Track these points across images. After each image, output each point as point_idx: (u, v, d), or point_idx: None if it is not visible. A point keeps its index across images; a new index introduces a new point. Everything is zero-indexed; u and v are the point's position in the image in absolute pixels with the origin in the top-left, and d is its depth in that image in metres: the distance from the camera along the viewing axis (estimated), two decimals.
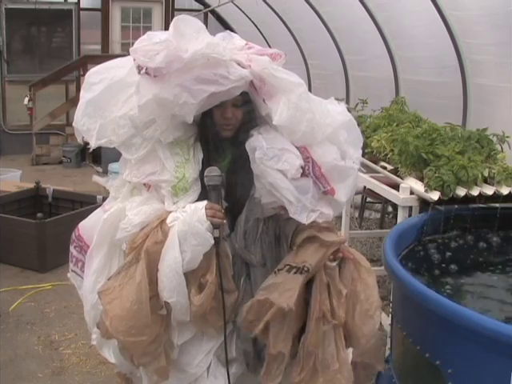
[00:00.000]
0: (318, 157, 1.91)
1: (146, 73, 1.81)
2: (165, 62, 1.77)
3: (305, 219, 1.87)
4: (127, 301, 1.86)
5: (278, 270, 1.90)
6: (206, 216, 1.83)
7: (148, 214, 1.94)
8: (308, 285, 1.92)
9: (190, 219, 1.85)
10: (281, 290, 1.85)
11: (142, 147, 1.95)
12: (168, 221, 1.90)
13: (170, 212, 1.92)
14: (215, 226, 1.84)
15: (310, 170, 1.90)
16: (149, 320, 1.87)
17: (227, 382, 1.96)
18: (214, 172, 1.86)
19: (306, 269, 1.87)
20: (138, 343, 1.88)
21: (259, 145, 1.89)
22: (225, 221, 1.87)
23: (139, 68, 1.82)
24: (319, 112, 1.93)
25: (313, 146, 1.93)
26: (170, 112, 1.87)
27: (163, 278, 1.87)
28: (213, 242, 1.85)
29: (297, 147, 1.92)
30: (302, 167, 1.89)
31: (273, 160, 1.86)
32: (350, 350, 2.03)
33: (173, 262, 1.85)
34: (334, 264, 1.92)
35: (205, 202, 1.87)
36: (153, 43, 1.82)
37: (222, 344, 1.95)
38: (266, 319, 1.86)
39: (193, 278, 1.89)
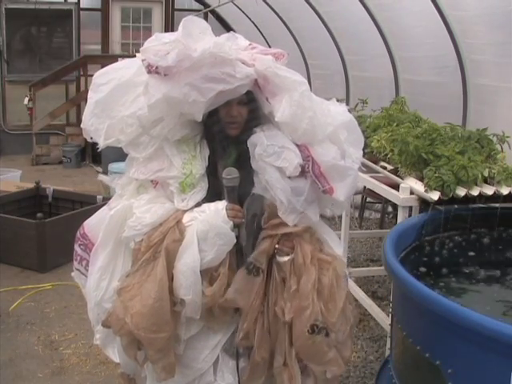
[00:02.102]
0: (318, 156, 1.94)
1: (156, 72, 1.84)
2: (176, 60, 1.80)
3: (291, 221, 1.92)
4: (149, 298, 1.89)
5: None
6: (228, 216, 1.89)
7: (160, 214, 1.97)
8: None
9: (214, 220, 1.89)
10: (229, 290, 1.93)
11: (149, 145, 1.99)
12: (184, 220, 1.94)
13: (185, 212, 1.96)
14: (235, 226, 1.91)
15: (310, 168, 1.93)
16: (169, 316, 1.91)
17: (236, 375, 2.00)
18: (233, 174, 1.91)
19: (252, 266, 1.93)
20: (158, 339, 1.91)
21: (260, 141, 1.93)
22: (243, 220, 1.93)
23: (149, 67, 1.85)
24: (320, 111, 1.97)
25: (313, 144, 1.96)
26: (179, 110, 1.90)
27: (180, 275, 1.90)
28: (236, 240, 1.91)
29: (298, 146, 1.95)
30: (301, 166, 1.91)
31: (272, 157, 1.90)
32: None
33: (191, 260, 1.89)
34: (286, 259, 1.94)
35: (224, 203, 1.92)
36: (162, 43, 1.86)
37: (230, 338, 2.00)
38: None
39: (204, 273, 1.93)
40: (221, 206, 1.92)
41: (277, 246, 1.94)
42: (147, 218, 1.96)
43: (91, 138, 2.08)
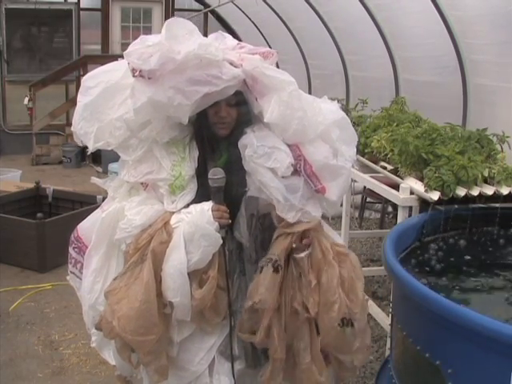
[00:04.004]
0: (309, 155, 1.94)
1: (140, 75, 1.82)
2: (159, 63, 1.79)
3: (291, 218, 1.91)
4: (135, 300, 1.88)
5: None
6: (214, 217, 1.87)
7: (149, 216, 1.96)
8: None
9: (199, 221, 1.88)
10: (259, 290, 1.89)
11: (138, 148, 1.99)
12: (172, 222, 1.93)
13: (173, 213, 1.95)
14: (222, 227, 1.89)
15: (302, 168, 1.93)
16: (156, 319, 1.90)
17: (232, 378, 1.98)
18: (218, 174, 1.89)
19: (268, 259, 1.91)
20: (146, 342, 1.90)
21: (250, 142, 1.92)
22: (230, 221, 1.91)
23: (134, 71, 1.84)
24: (311, 110, 1.96)
25: (305, 144, 1.95)
26: (165, 114, 1.89)
27: (167, 278, 1.89)
28: (221, 242, 1.89)
29: (289, 145, 1.94)
30: (293, 165, 1.91)
31: (263, 158, 1.90)
32: None
33: (178, 262, 1.88)
34: (303, 255, 1.93)
35: (210, 204, 1.90)
36: (146, 46, 1.84)
37: (225, 341, 1.99)
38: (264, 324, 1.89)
39: (194, 275, 1.92)
40: (206, 206, 1.90)
41: (294, 245, 1.92)
42: (137, 219, 1.95)
43: (81, 142, 2.08)
